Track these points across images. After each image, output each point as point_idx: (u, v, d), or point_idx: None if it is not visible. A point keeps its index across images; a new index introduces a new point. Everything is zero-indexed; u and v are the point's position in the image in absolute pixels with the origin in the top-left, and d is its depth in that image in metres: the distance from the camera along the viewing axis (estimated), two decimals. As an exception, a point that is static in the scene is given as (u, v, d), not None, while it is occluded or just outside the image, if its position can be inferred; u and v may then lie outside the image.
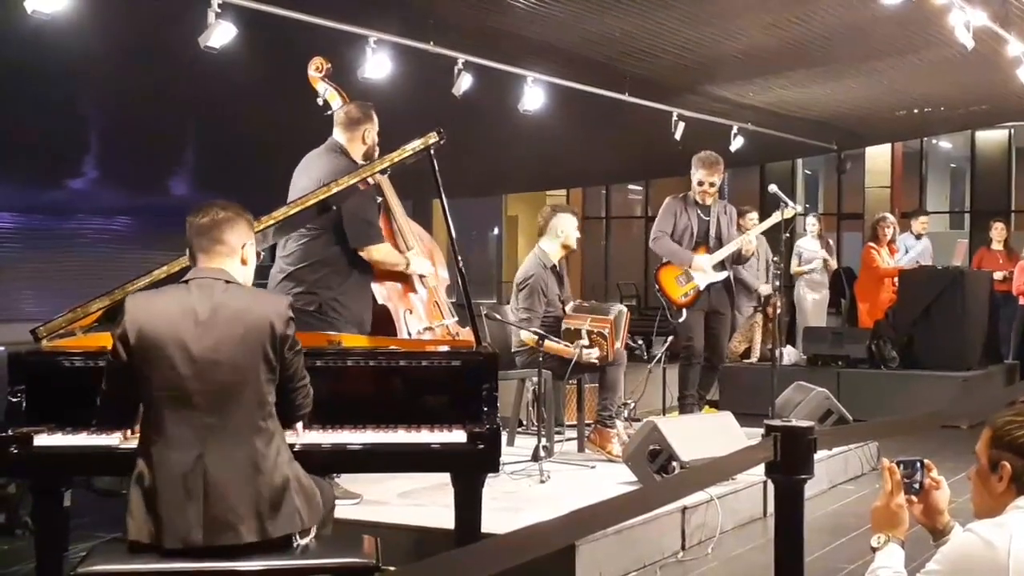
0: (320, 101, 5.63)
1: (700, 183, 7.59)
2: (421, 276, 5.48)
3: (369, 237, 5.24)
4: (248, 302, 3.35)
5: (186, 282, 3.40)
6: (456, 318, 5.55)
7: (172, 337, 3.23)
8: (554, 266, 6.95)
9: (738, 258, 7.71)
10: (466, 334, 5.37)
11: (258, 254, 3.66)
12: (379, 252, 5.28)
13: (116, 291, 3.98)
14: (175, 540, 3.18)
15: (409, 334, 5.31)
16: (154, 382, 3.22)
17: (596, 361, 6.57)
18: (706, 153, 7.71)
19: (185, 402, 3.21)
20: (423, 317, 5.44)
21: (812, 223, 11.48)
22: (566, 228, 6.94)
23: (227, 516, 3.19)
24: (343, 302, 5.23)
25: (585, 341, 6.58)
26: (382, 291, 5.41)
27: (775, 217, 7.78)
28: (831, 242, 11.73)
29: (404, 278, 5.47)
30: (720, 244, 7.61)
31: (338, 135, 5.44)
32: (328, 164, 5.27)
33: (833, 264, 11.53)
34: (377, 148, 5.41)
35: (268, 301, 3.43)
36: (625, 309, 6.96)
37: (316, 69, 5.65)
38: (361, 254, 5.23)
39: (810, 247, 11.31)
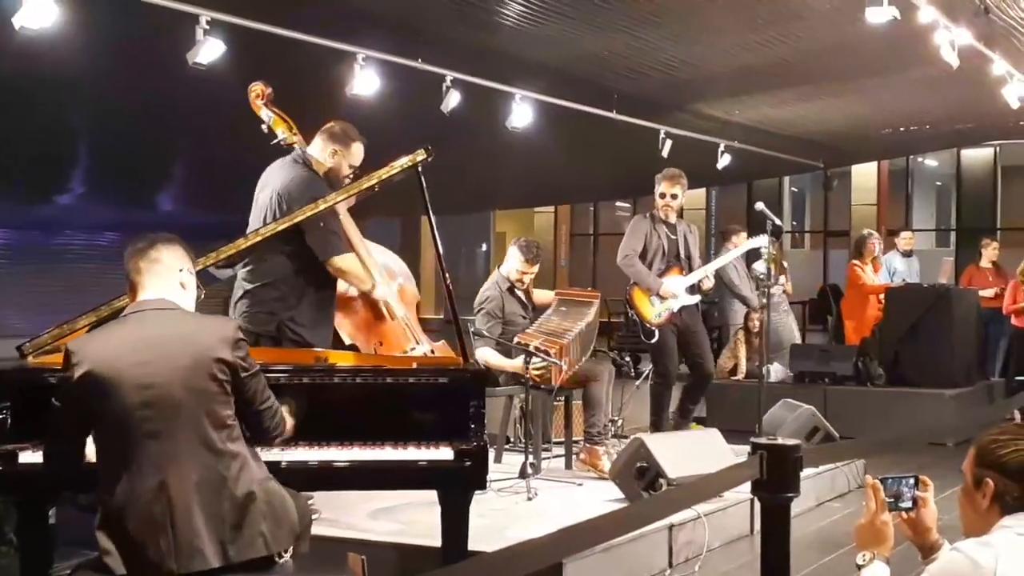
0: (264, 128, 5.39)
1: (662, 195, 7.54)
2: (386, 305, 5.32)
3: (335, 247, 5.03)
4: (193, 328, 3.33)
5: (126, 316, 3.37)
6: (427, 346, 5.38)
7: (120, 369, 3.19)
8: (511, 287, 6.96)
9: (696, 289, 7.66)
10: (440, 350, 5.34)
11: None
12: (345, 262, 5.05)
13: (103, 307, 3.98)
14: (152, 571, 3.14)
15: None
16: (108, 417, 3.19)
17: (539, 375, 6.45)
18: (667, 168, 7.69)
19: (140, 431, 3.17)
20: (395, 347, 5.29)
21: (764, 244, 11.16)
22: (513, 263, 6.98)
23: (193, 541, 3.15)
24: (300, 322, 5.04)
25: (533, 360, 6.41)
26: (346, 328, 5.26)
27: (750, 243, 8.04)
28: (785, 264, 11.46)
29: (371, 309, 5.32)
30: (690, 263, 7.62)
31: (312, 147, 5.28)
32: (287, 174, 5.13)
33: (789, 290, 11.20)
34: (346, 178, 5.21)
35: (214, 326, 3.38)
36: (582, 327, 6.75)
37: (257, 96, 5.37)
38: (328, 267, 5.02)
39: (763, 270, 11.04)
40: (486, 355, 6.60)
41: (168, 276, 3.39)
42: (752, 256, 9.33)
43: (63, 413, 3.29)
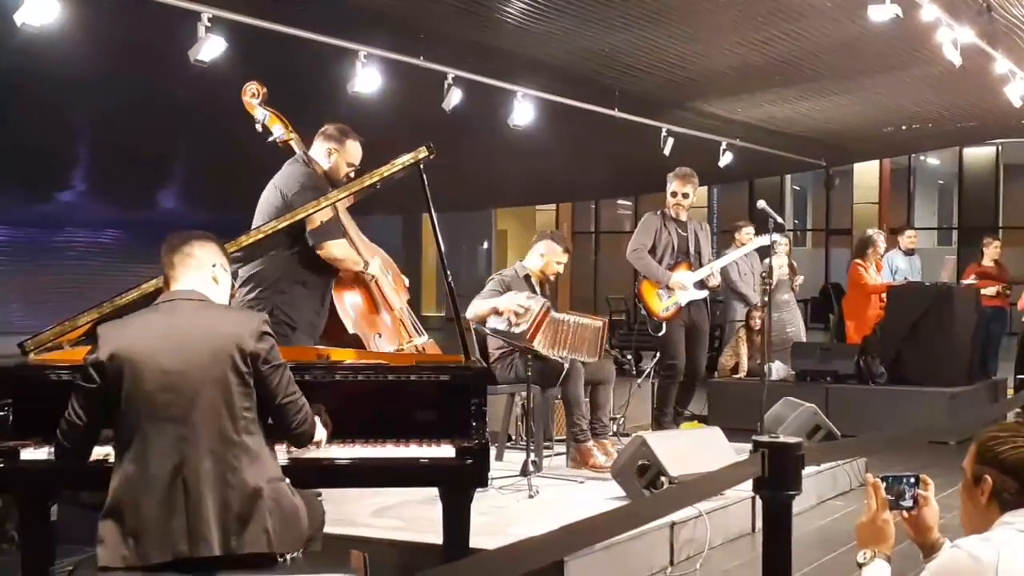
0: (259, 127, 5.43)
1: (674, 194, 7.63)
2: (385, 299, 5.36)
3: (328, 233, 5.10)
4: (219, 318, 3.40)
5: (157, 305, 3.43)
6: (425, 336, 5.46)
7: (144, 353, 3.25)
8: (527, 276, 6.96)
9: (702, 285, 7.69)
10: (430, 347, 5.35)
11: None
12: (338, 248, 5.14)
13: (105, 304, 3.98)
14: (163, 553, 3.18)
15: None
16: (129, 399, 3.24)
17: (519, 312, 6.39)
18: (680, 167, 7.76)
19: (160, 415, 3.22)
20: (393, 338, 5.34)
21: (782, 242, 11.20)
22: (548, 254, 6.95)
23: (202, 527, 3.20)
24: (295, 307, 5.10)
25: (520, 298, 6.45)
26: (351, 318, 5.29)
27: (758, 241, 8.15)
28: (795, 264, 11.49)
29: (369, 302, 5.37)
30: (700, 260, 7.65)
31: (312, 150, 5.35)
32: (287, 173, 5.20)
33: (797, 284, 11.24)
34: (345, 177, 5.27)
35: (240, 318, 3.47)
36: (570, 319, 6.68)
37: (252, 95, 5.40)
38: (319, 252, 5.08)
39: (783, 265, 11.09)
40: (474, 308, 6.57)
41: (201, 270, 3.47)
42: (764, 253, 9.32)
43: (87, 394, 3.31)
